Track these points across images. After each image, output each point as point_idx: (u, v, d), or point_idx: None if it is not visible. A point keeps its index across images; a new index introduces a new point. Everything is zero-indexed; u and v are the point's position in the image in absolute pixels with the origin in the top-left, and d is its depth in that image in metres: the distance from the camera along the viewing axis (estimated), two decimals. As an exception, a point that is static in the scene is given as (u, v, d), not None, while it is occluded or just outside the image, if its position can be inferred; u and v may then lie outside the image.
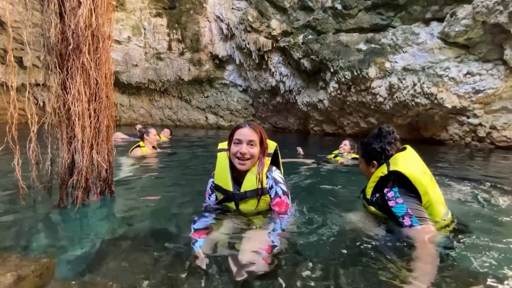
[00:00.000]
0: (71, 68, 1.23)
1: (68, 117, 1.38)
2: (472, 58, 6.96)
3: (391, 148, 1.58)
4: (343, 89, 9.50)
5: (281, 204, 1.58)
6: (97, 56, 1.40)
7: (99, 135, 1.48)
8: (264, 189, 1.58)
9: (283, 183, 1.60)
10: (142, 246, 1.47)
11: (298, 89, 11.79)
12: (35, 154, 1.40)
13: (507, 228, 1.81)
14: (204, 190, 1.84)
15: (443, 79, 7.33)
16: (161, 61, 13.42)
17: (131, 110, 14.88)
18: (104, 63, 1.49)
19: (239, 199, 1.61)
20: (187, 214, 2.01)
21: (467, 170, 4.64)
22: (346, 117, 10.74)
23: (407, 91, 7.93)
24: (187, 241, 1.59)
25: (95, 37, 1.37)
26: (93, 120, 1.39)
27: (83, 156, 1.31)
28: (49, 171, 1.54)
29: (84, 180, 1.34)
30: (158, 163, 3.91)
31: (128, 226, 1.60)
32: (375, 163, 1.62)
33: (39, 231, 1.41)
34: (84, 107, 1.27)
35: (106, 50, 1.53)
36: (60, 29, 1.31)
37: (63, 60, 1.36)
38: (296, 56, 10.47)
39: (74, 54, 1.21)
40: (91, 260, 1.32)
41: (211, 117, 15.40)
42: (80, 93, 1.25)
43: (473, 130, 7.73)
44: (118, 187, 2.19)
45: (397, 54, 8.18)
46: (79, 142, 1.30)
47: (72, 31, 1.18)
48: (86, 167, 1.33)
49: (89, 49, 1.28)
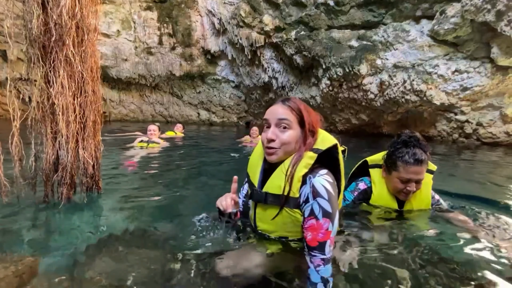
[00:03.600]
0: (54, 61, 1.19)
1: (52, 111, 1.34)
2: (460, 56, 7.10)
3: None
4: (335, 85, 9.56)
5: (315, 230, 0.98)
6: (82, 48, 1.35)
7: (85, 131, 1.44)
8: (292, 199, 1.04)
9: (327, 199, 0.99)
10: (130, 241, 1.45)
11: (290, 85, 11.80)
12: (18, 149, 1.36)
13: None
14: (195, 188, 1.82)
15: (432, 76, 7.46)
16: (152, 55, 13.18)
17: (121, 106, 14.59)
18: (89, 56, 1.45)
19: (257, 200, 1.14)
20: (176, 208, 2.00)
21: (455, 166, 4.76)
22: (337, 113, 10.82)
23: (398, 88, 8.04)
24: (176, 235, 1.58)
25: (80, 29, 1.32)
26: (78, 114, 1.36)
27: (68, 151, 1.28)
28: (33, 167, 1.49)
29: (69, 176, 1.31)
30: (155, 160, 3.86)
31: (115, 222, 1.58)
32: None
33: (23, 228, 1.38)
34: (68, 101, 1.23)
35: (92, 42, 1.49)
36: (42, 20, 1.27)
37: (46, 53, 1.31)
38: (289, 52, 10.45)
39: (57, 46, 1.17)
40: (78, 257, 1.30)
41: (203, 113, 15.27)
42: (64, 87, 1.21)
43: (460, 126, 7.92)
44: (106, 182, 2.15)
45: (388, 51, 8.26)
46: (64, 138, 1.26)
47: (55, 22, 1.14)
48: (71, 163, 1.30)
49: (74, 41, 1.24)
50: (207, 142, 6.18)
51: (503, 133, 7.41)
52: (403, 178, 1.40)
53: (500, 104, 7.23)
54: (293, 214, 1.05)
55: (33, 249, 1.26)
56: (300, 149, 1.07)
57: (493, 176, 3.93)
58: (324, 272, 0.96)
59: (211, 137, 7.92)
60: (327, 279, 0.94)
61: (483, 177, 3.74)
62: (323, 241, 0.98)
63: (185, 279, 1.25)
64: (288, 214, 1.06)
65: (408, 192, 1.45)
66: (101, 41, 11.80)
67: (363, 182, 1.64)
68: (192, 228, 1.73)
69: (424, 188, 1.51)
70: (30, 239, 1.34)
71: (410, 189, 1.42)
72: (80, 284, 1.12)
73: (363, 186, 1.61)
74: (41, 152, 1.50)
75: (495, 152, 6.46)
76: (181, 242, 1.53)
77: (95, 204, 1.68)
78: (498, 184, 3.30)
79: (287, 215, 1.07)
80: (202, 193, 2.44)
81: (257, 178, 1.17)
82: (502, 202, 2.26)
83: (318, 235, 0.98)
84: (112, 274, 1.21)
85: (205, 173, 3.14)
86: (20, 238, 1.33)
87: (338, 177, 1.12)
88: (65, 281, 1.12)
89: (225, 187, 2.65)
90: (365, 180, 1.65)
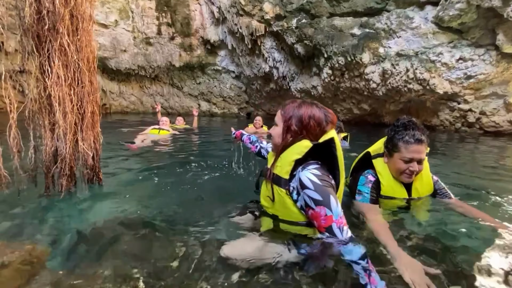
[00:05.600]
0: (49, 51, 1.16)
1: (49, 103, 1.32)
2: (465, 43, 6.95)
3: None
4: (336, 75, 9.43)
5: (316, 218, 1.06)
6: (77, 37, 1.32)
7: (83, 122, 1.42)
8: (281, 178, 1.17)
9: (313, 189, 1.06)
10: (132, 234, 1.46)
11: (291, 75, 11.66)
12: (16, 141, 1.35)
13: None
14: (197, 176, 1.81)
15: (436, 64, 7.33)
16: (151, 46, 13.00)
17: (122, 98, 14.52)
18: (85, 46, 1.41)
19: (263, 175, 1.33)
20: (177, 199, 2.00)
21: (458, 156, 4.74)
22: (339, 103, 10.73)
23: (400, 76, 7.93)
24: (178, 227, 1.58)
25: (74, 17, 1.28)
26: (75, 105, 1.33)
27: (66, 143, 1.26)
28: (32, 159, 1.48)
29: (68, 168, 1.30)
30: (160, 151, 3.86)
31: (116, 214, 1.58)
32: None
33: (24, 221, 1.38)
34: (64, 92, 1.21)
35: (88, 32, 1.45)
36: (35, 8, 1.22)
37: (40, 42, 1.28)
38: (290, 41, 10.27)
39: (51, 35, 1.13)
40: (80, 250, 1.30)
41: (203, 104, 15.18)
42: (59, 77, 1.18)
43: (463, 115, 7.84)
44: (106, 175, 2.15)
45: (391, 39, 8.09)
46: (61, 129, 1.24)
47: (48, 10, 1.10)
48: (69, 154, 1.28)
49: (68, 30, 1.20)
50: (211, 132, 6.16)
51: (506, 122, 7.34)
52: (405, 158, 1.44)
53: (504, 92, 7.12)
54: (281, 193, 1.17)
55: (36, 241, 1.27)
56: (281, 142, 1.21)
57: (498, 164, 3.91)
58: (348, 253, 1.00)
59: (214, 128, 7.90)
60: (356, 261, 0.97)
61: (488, 166, 3.73)
62: (328, 226, 1.04)
63: (191, 264, 1.26)
64: (278, 192, 1.19)
65: (411, 173, 1.48)
66: (98, 32, 11.62)
67: (370, 175, 1.64)
68: (196, 214, 1.74)
69: (425, 171, 1.55)
70: (31, 232, 1.34)
71: (413, 169, 1.45)
72: (86, 277, 1.12)
73: (372, 178, 1.62)
74: (40, 144, 1.49)
75: (498, 141, 6.41)
76: (185, 229, 1.54)
77: (96, 195, 1.68)
78: (503, 172, 3.29)
79: (277, 193, 1.19)
80: (205, 181, 2.44)
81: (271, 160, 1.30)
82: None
83: (321, 222, 1.06)
84: (114, 267, 1.22)
85: (209, 163, 3.14)
86: (22, 230, 1.34)
87: (336, 172, 1.17)
88: (69, 274, 1.13)
89: (228, 173, 2.65)
90: (371, 172, 1.65)
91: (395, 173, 1.53)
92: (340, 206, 1.06)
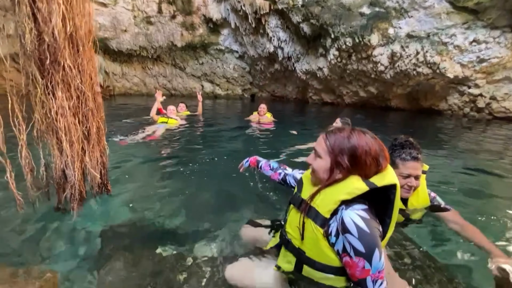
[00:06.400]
0: (52, 82, 1.16)
1: (55, 129, 1.34)
2: (480, 25, 6.60)
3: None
4: (343, 56, 9.13)
5: (351, 267, 0.92)
6: (79, 61, 1.31)
7: (90, 142, 1.46)
8: (319, 214, 0.99)
9: (357, 237, 0.89)
10: (143, 248, 1.54)
11: (297, 56, 11.32)
12: (28, 161, 1.39)
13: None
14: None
15: (448, 47, 7.03)
16: (152, 25, 12.59)
17: (124, 79, 14.36)
18: (87, 64, 1.41)
19: (293, 203, 1.13)
20: (186, 204, 2.06)
21: (465, 142, 4.73)
22: (345, 86, 10.50)
23: (409, 60, 7.65)
24: (187, 238, 1.66)
25: (75, 42, 1.26)
26: (81, 129, 1.36)
27: (74, 170, 1.30)
28: (44, 176, 1.54)
29: (78, 193, 1.35)
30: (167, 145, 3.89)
31: (127, 227, 1.66)
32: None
33: (39, 240, 1.46)
34: (70, 122, 1.23)
35: (89, 48, 1.43)
36: (35, 33, 1.21)
37: (43, 64, 1.28)
38: (295, 20, 9.85)
39: (53, 68, 1.13)
40: (92, 266, 1.39)
41: (207, 85, 14.98)
42: (63, 108, 1.20)
43: (473, 100, 7.64)
44: (114, 179, 2.21)
45: (402, 18, 7.71)
46: (69, 158, 1.28)
47: (48, 44, 1.09)
48: (79, 180, 1.33)
49: (70, 58, 1.20)
50: (215, 121, 6.14)
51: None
52: (403, 174, 1.56)
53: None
54: (316, 231, 0.98)
55: (50, 260, 1.36)
56: (327, 179, 1.02)
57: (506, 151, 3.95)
58: None
59: (218, 115, 7.85)
60: None
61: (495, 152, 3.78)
62: (362, 278, 0.90)
63: (198, 279, 1.34)
64: (311, 228, 0.99)
65: (410, 188, 1.60)
66: (98, 11, 11.26)
67: None
68: (205, 222, 1.81)
69: (421, 188, 1.68)
70: (46, 250, 1.42)
71: (410, 184, 1.57)
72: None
73: None
74: (50, 161, 1.53)
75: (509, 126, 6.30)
76: (193, 243, 1.61)
77: (106, 207, 1.75)
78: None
79: (310, 229, 1.00)
80: (214, 182, 2.51)
81: (303, 185, 1.16)
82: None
83: (356, 273, 0.91)
84: (127, 283, 1.31)
85: (217, 160, 3.19)
86: (38, 250, 1.42)
87: (387, 221, 0.99)
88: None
89: (239, 176, 2.69)
90: None
91: None
92: (383, 259, 0.90)
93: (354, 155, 0.97)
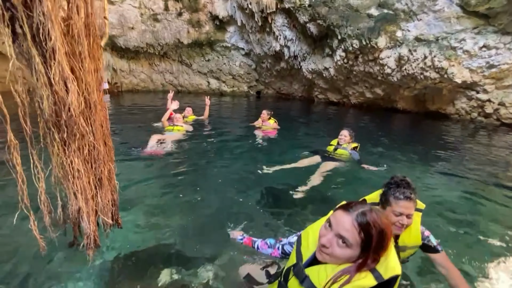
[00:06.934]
0: (69, 149, 1.29)
1: (69, 175, 1.47)
2: (491, 30, 6.45)
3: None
4: (350, 58, 9.05)
5: None
6: (92, 122, 1.43)
7: (102, 190, 1.59)
8: None
9: None
10: (150, 278, 1.71)
11: (303, 55, 11.24)
12: (46, 204, 1.53)
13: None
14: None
15: (457, 51, 6.90)
16: (158, 22, 12.62)
17: (132, 75, 14.53)
18: (99, 119, 1.52)
19: (296, 275, 1.03)
20: (190, 232, 2.22)
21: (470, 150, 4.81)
22: (351, 86, 10.42)
23: (417, 63, 7.55)
24: (190, 266, 1.82)
25: (88, 104, 1.38)
26: (92, 173, 1.48)
27: (89, 223, 1.45)
28: (61, 216, 1.68)
29: (93, 241, 1.50)
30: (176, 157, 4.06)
31: (134, 257, 1.82)
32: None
33: (59, 277, 1.64)
34: (85, 183, 1.36)
35: (102, 106, 1.55)
36: (52, 100, 1.33)
37: (59, 125, 1.38)
38: (302, 19, 9.74)
39: (70, 139, 1.26)
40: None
41: (213, 82, 15.03)
42: (79, 171, 1.33)
43: (481, 105, 7.54)
44: (122, 208, 2.37)
45: (411, 21, 7.57)
46: (85, 214, 1.42)
47: (64, 120, 1.21)
48: (93, 231, 1.48)
49: (84, 118, 1.31)
50: (219, 128, 6.23)
51: (526, 113, 7.05)
52: (396, 211, 1.62)
53: (527, 82, 6.74)
54: None
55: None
56: (352, 271, 0.91)
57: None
58: None
59: (223, 120, 7.93)
60: None
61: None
62: None
63: None
64: None
65: (401, 226, 1.64)
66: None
67: None
68: (205, 252, 1.96)
69: (414, 226, 1.72)
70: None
71: (402, 222, 1.61)
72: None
73: None
74: (66, 202, 1.68)
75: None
76: (196, 269, 1.77)
77: (118, 242, 1.93)
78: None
79: None
80: (215, 203, 2.67)
81: (308, 253, 1.06)
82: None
83: None
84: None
85: (222, 174, 3.39)
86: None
87: None
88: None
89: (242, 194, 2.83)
90: None
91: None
92: None
93: (381, 241, 0.88)
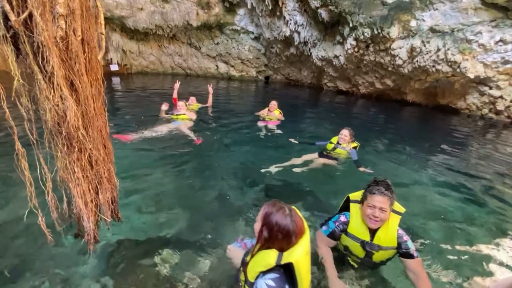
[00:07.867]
0: (70, 162, 1.44)
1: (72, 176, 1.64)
2: (509, 23, 6.13)
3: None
4: (361, 47, 8.80)
5: None
6: (91, 128, 1.57)
7: (101, 189, 1.76)
8: (246, 277, 1.31)
9: None
10: (147, 266, 1.92)
11: (313, 41, 10.96)
12: (53, 201, 1.70)
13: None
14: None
15: (472, 45, 6.63)
16: (167, 3, 12.43)
17: (141, 57, 14.57)
18: (99, 126, 1.67)
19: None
20: (189, 222, 2.40)
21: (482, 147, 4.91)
22: (361, 75, 10.20)
23: (429, 56, 7.30)
24: (188, 255, 2.01)
25: (87, 113, 1.51)
26: (92, 175, 1.65)
27: (89, 223, 1.63)
28: (66, 212, 1.87)
29: (93, 237, 1.70)
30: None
31: (140, 257, 2.03)
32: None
33: (63, 268, 1.88)
34: (85, 188, 1.53)
35: (101, 113, 1.68)
36: (55, 112, 1.47)
37: (61, 134, 1.53)
38: (314, 4, 9.42)
39: (72, 153, 1.41)
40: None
41: (221, 65, 14.92)
42: (79, 178, 1.49)
43: (493, 102, 7.32)
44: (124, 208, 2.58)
45: (426, 10, 7.23)
46: (85, 216, 1.60)
47: (66, 131, 1.36)
48: (93, 230, 1.67)
49: (84, 131, 1.46)
50: (224, 117, 6.29)
51: (539, 112, 6.82)
52: (370, 204, 1.82)
53: (544, 80, 6.46)
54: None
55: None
56: (256, 243, 1.31)
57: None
58: None
59: (229, 105, 7.98)
60: None
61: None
62: None
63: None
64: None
65: (375, 218, 1.81)
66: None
67: (344, 216, 1.97)
68: (201, 242, 2.14)
69: (391, 226, 1.87)
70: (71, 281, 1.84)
71: (374, 214, 1.80)
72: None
73: (344, 219, 1.99)
74: (71, 198, 1.87)
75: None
76: (192, 258, 1.97)
77: (119, 235, 2.15)
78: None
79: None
80: (214, 194, 2.83)
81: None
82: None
83: None
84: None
85: (222, 165, 3.53)
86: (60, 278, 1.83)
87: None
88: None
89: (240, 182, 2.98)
90: (346, 214, 1.97)
91: (364, 217, 1.84)
92: None
93: (271, 230, 1.21)
